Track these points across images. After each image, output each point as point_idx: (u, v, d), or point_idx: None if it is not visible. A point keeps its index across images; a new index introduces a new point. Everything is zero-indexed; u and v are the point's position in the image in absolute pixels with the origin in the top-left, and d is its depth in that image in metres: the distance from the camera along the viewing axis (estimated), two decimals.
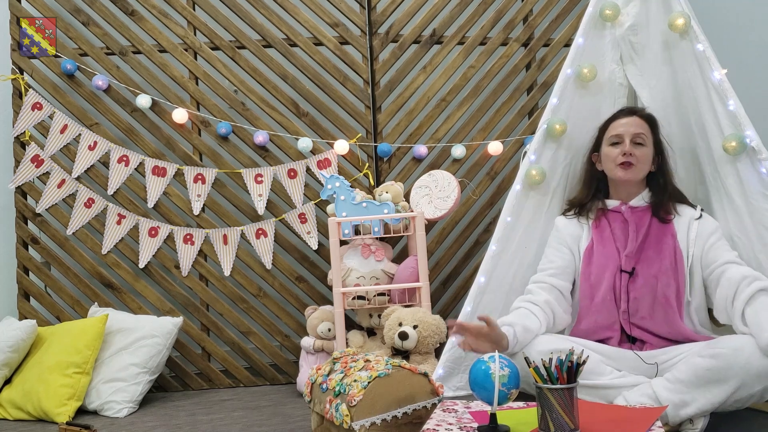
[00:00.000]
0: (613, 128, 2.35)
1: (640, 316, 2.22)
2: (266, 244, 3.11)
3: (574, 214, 2.43)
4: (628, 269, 2.25)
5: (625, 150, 2.27)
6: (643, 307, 2.21)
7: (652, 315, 2.21)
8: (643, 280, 2.23)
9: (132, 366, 2.74)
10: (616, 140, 2.32)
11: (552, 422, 1.55)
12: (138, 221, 3.07)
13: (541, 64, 3.27)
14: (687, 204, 2.35)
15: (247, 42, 3.16)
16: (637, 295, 2.22)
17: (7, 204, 3.13)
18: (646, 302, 2.21)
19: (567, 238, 2.39)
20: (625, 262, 2.26)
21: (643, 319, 2.22)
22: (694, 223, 2.27)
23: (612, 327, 2.25)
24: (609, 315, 2.25)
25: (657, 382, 2.03)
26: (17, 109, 3.06)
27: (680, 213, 2.31)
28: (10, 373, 2.74)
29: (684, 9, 2.41)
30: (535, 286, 2.34)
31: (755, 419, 2.11)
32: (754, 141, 2.24)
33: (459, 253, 3.22)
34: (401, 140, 3.21)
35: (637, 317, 2.22)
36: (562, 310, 2.32)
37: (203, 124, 3.14)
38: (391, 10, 3.23)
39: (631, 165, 2.28)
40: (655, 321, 2.21)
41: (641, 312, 2.22)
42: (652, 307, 2.21)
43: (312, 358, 2.88)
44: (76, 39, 3.12)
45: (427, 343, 2.61)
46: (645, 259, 2.25)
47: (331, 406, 1.92)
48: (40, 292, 3.06)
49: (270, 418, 2.54)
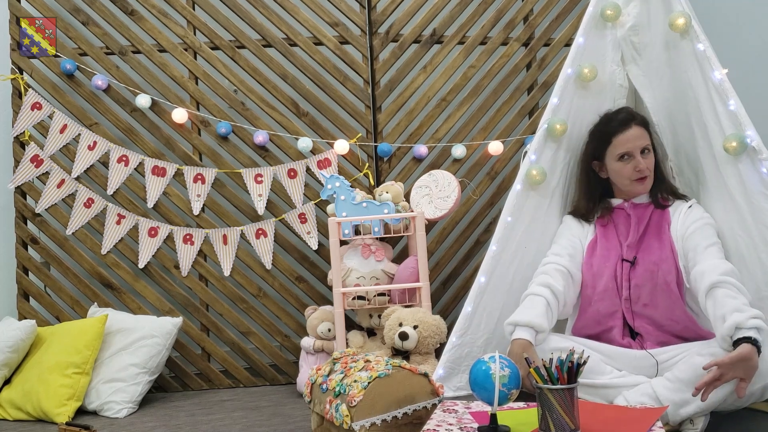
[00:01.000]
0: (620, 144, 2.35)
1: (642, 303, 2.25)
2: (266, 244, 3.10)
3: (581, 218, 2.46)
4: (629, 258, 2.29)
5: (640, 166, 2.32)
6: (644, 293, 2.25)
7: (653, 302, 2.24)
8: (643, 267, 2.26)
9: (132, 366, 2.74)
10: (626, 155, 2.35)
11: (552, 422, 1.55)
12: (138, 221, 3.07)
13: (541, 63, 3.27)
14: (681, 198, 2.40)
15: (247, 42, 3.16)
16: (638, 282, 2.26)
17: (7, 204, 3.12)
18: (646, 289, 2.24)
19: (576, 231, 2.44)
20: (627, 252, 2.31)
21: (645, 306, 2.24)
22: (683, 212, 2.32)
23: (614, 315, 2.27)
24: (611, 303, 2.28)
25: (657, 382, 2.04)
26: (17, 109, 3.06)
27: (676, 205, 2.37)
28: (9, 374, 2.74)
29: (684, 9, 2.41)
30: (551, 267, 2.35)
31: (755, 419, 2.10)
32: (755, 141, 2.24)
33: (459, 253, 3.22)
34: (401, 140, 3.20)
35: (639, 305, 2.25)
36: (572, 293, 2.35)
37: (203, 124, 3.14)
38: (391, 10, 3.23)
39: (646, 178, 2.35)
40: (656, 308, 2.23)
41: (643, 299, 2.25)
42: (653, 294, 2.24)
43: (312, 358, 2.88)
44: (75, 39, 3.11)
45: (428, 344, 2.61)
46: (646, 248, 2.30)
47: (331, 406, 1.91)
48: (40, 292, 3.05)
49: (270, 418, 2.54)
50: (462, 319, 2.49)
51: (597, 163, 2.44)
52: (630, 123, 2.36)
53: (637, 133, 2.35)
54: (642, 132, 2.36)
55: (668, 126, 2.51)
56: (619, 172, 2.37)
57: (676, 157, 2.52)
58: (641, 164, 2.32)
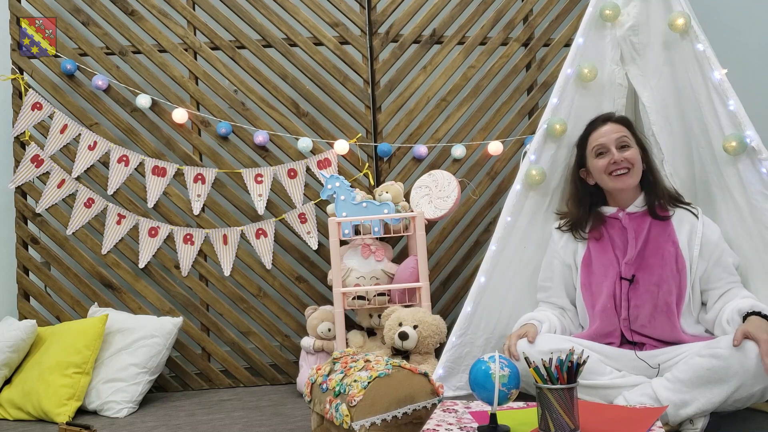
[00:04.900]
0: (594, 140, 2.35)
1: (641, 323, 2.22)
2: (266, 244, 3.10)
3: (568, 229, 2.42)
4: (628, 276, 2.25)
5: (615, 158, 2.28)
6: (644, 314, 2.21)
7: (652, 322, 2.20)
8: (644, 287, 2.23)
9: (132, 366, 2.74)
10: (601, 150, 2.32)
11: (552, 422, 1.55)
12: (138, 221, 3.07)
13: (541, 64, 3.27)
14: (684, 205, 2.34)
15: (247, 42, 3.16)
16: (638, 303, 2.22)
17: (7, 204, 3.13)
18: (646, 309, 2.21)
19: (561, 252, 2.41)
20: (625, 270, 2.26)
21: (644, 326, 2.22)
22: (696, 228, 2.26)
23: (613, 334, 2.25)
24: (609, 323, 2.25)
25: (657, 382, 2.03)
26: (17, 109, 3.06)
27: (680, 216, 2.30)
28: (10, 373, 2.74)
29: (684, 9, 2.41)
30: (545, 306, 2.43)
31: (755, 419, 2.11)
32: (755, 141, 2.24)
33: (459, 253, 3.22)
34: (401, 140, 3.21)
35: (638, 325, 2.22)
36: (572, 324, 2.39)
37: (203, 124, 3.14)
38: (391, 10, 3.23)
39: (627, 170, 2.29)
40: (655, 328, 2.20)
41: (641, 320, 2.22)
42: (653, 315, 2.20)
43: (312, 358, 2.88)
44: (76, 39, 3.12)
45: (427, 343, 2.61)
46: (645, 267, 2.24)
47: (331, 406, 1.92)
48: (40, 292, 3.06)
49: (270, 418, 2.54)
50: (462, 319, 2.49)
51: (584, 170, 2.42)
52: (606, 121, 2.36)
53: (613, 128, 2.32)
54: (618, 128, 2.33)
55: (667, 126, 2.51)
56: (597, 168, 2.33)
57: (673, 158, 2.51)
58: (616, 156, 2.27)
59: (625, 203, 2.34)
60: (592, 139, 2.36)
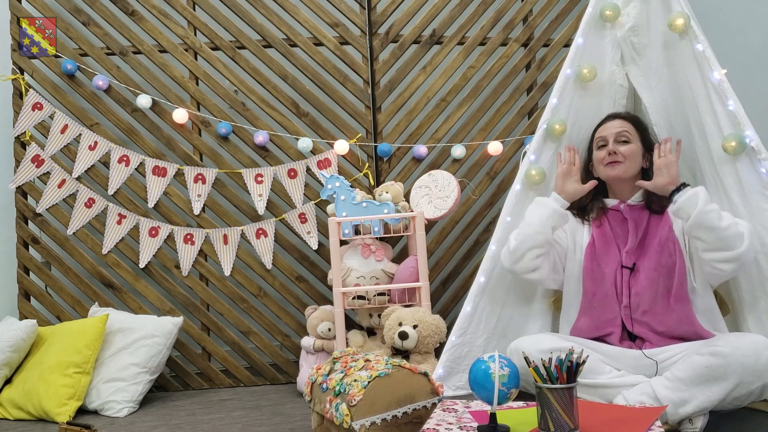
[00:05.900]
0: (598, 133, 2.45)
1: (642, 310, 2.24)
2: (266, 244, 3.11)
3: (575, 214, 2.46)
4: (629, 265, 2.29)
5: (610, 149, 2.36)
6: (645, 301, 2.24)
7: (653, 309, 2.23)
8: (644, 274, 2.26)
9: (132, 366, 2.74)
10: (602, 143, 2.41)
11: (552, 422, 1.56)
12: (138, 221, 3.07)
13: (540, 64, 3.27)
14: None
15: (247, 42, 3.17)
16: (639, 290, 2.25)
17: (8, 204, 3.13)
18: (647, 297, 2.24)
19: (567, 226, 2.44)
20: (626, 258, 2.30)
21: (645, 313, 2.23)
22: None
23: (613, 322, 2.27)
24: (610, 310, 2.28)
25: (656, 381, 2.04)
26: (17, 109, 3.06)
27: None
28: (10, 373, 2.74)
29: (683, 9, 2.41)
30: None
31: (754, 418, 2.11)
32: (754, 141, 2.25)
33: (459, 253, 3.23)
34: (401, 140, 3.21)
35: (639, 312, 2.24)
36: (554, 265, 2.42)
37: (203, 124, 3.14)
38: (391, 10, 3.23)
39: (618, 162, 2.35)
40: (655, 316, 2.22)
41: (642, 306, 2.24)
42: (654, 302, 2.23)
43: (312, 357, 2.88)
44: (76, 39, 3.12)
45: (427, 343, 2.62)
46: (645, 255, 2.29)
47: (331, 405, 1.92)
48: (41, 292, 3.06)
49: (270, 418, 2.55)
50: (461, 319, 2.50)
51: (591, 164, 2.48)
52: (614, 117, 2.44)
53: (617, 123, 2.40)
54: (623, 123, 2.40)
55: (667, 126, 2.52)
56: (597, 158, 2.42)
57: None
58: (611, 147, 2.36)
59: (626, 196, 2.40)
60: (597, 132, 2.46)
